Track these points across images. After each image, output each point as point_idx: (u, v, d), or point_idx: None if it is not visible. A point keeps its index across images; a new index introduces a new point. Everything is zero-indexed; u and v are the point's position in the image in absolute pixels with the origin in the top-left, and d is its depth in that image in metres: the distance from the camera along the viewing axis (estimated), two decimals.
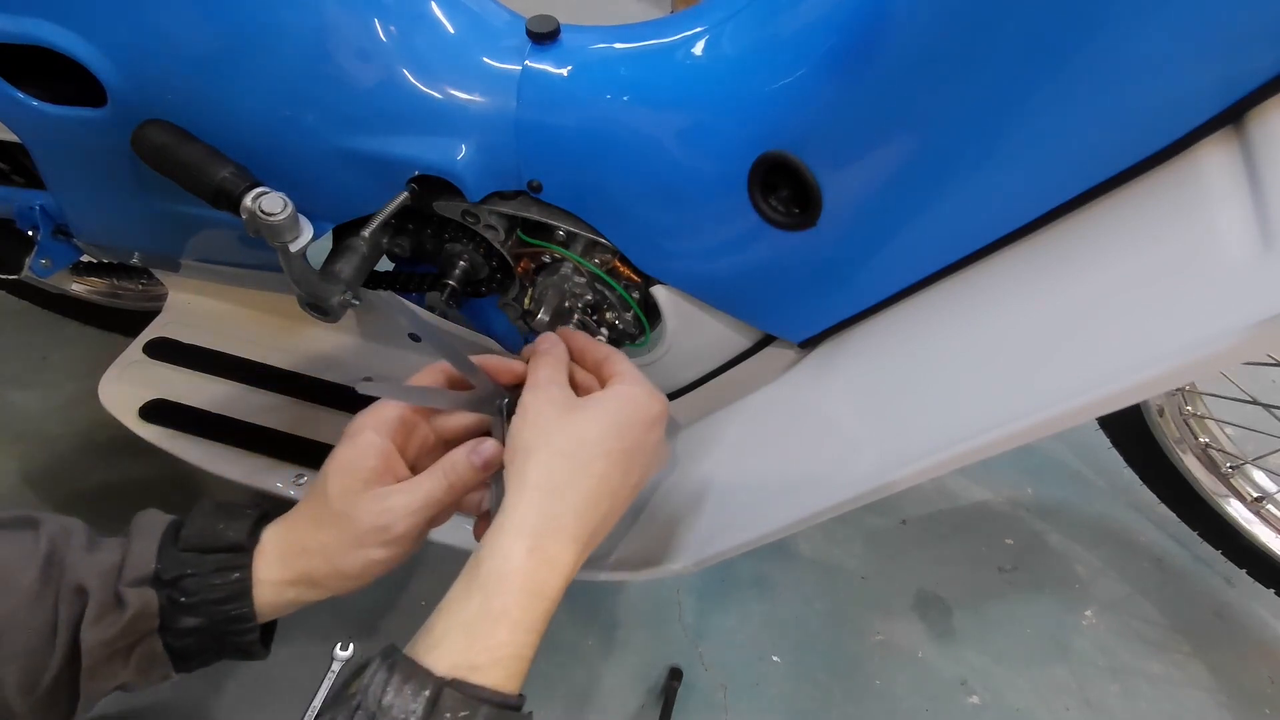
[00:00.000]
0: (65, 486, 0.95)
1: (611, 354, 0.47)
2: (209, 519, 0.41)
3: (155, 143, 0.49)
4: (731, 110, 0.44)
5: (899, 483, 0.41)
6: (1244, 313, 0.28)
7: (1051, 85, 0.34)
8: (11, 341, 1.09)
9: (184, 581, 0.38)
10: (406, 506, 0.41)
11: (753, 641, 0.86)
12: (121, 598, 0.37)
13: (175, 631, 0.38)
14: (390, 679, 0.32)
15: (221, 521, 0.41)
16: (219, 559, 0.39)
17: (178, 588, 0.38)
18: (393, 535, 0.40)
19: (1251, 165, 0.31)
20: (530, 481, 0.39)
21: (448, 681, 0.32)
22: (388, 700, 0.31)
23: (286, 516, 0.43)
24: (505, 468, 0.41)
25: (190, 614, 0.38)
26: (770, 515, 0.49)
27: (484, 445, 0.43)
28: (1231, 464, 0.80)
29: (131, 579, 0.37)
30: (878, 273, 0.47)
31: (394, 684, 0.32)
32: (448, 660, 0.33)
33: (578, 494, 0.39)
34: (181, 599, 0.38)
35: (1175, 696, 0.84)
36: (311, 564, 0.41)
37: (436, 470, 0.43)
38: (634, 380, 0.44)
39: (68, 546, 0.38)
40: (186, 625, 0.38)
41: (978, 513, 1.01)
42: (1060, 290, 0.38)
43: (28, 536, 0.37)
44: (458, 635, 0.34)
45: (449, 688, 0.32)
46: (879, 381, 0.48)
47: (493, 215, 0.55)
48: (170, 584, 0.38)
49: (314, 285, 0.52)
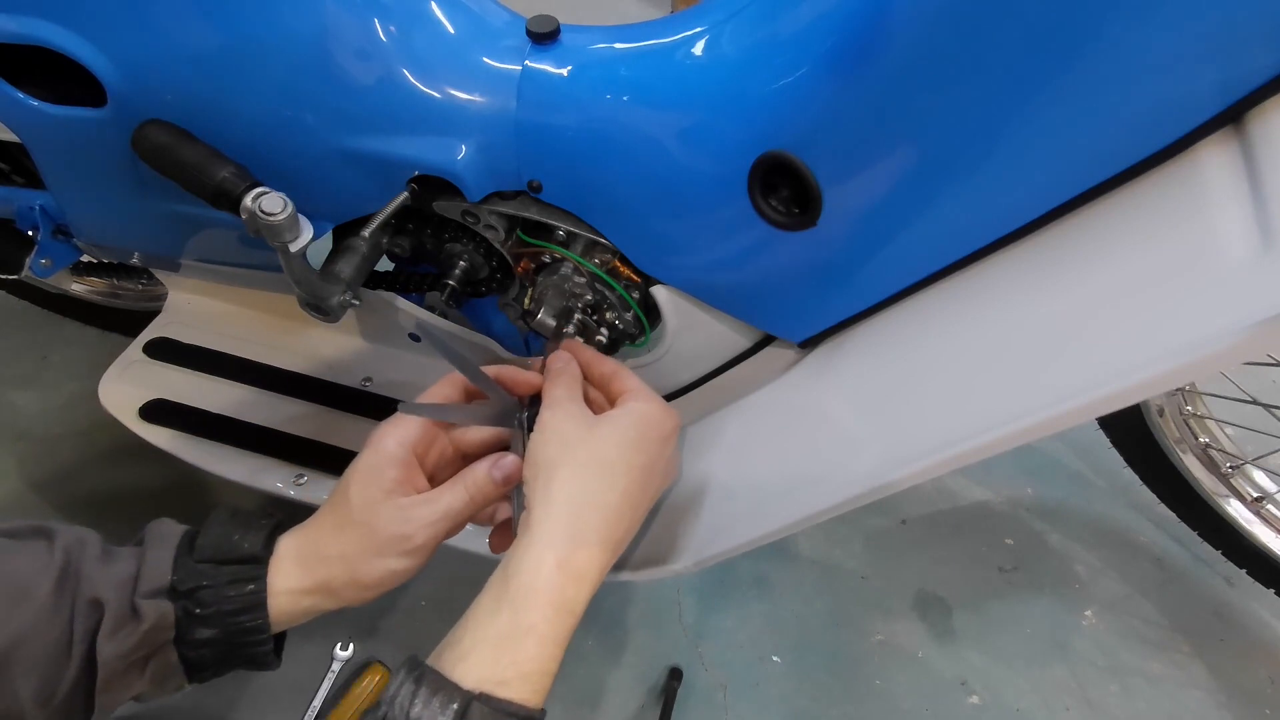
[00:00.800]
0: (65, 486, 0.94)
1: (619, 370, 0.49)
2: (224, 528, 0.41)
3: (155, 143, 0.49)
4: (731, 110, 0.44)
5: (899, 483, 0.41)
6: (1244, 313, 0.28)
7: (1051, 85, 0.34)
8: (11, 341, 1.09)
9: (200, 593, 0.38)
10: (427, 518, 0.41)
11: (753, 641, 0.86)
12: (138, 610, 0.37)
13: (190, 643, 0.38)
14: (418, 691, 0.32)
15: (237, 532, 0.41)
16: (235, 570, 0.39)
17: (194, 599, 0.38)
18: (412, 546, 0.41)
19: (1251, 165, 0.31)
20: (556, 497, 0.39)
21: (476, 695, 0.32)
22: (416, 712, 0.31)
23: (305, 525, 0.43)
24: (525, 483, 0.42)
25: (206, 625, 0.38)
26: (770, 515, 0.49)
27: (505, 460, 0.44)
28: (1231, 464, 0.80)
29: (147, 590, 0.37)
30: (878, 273, 0.47)
31: (422, 696, 0.32)
32: (475, 674, 0.34)
33: (603, 509, 0.40)
34: (197, 610, 0.38)
35: (1175, 696, 0.84)
36: (331, 572, 0.41)
37: (458, 484, 0.43)
38: (647, 397, 0.46)
39: (83, 557, 0.37)
40: (202, 637, 0.38)
41: (978, 513, 1.01)
42: (1060, 290, 0.38)
43: (41, 548, 0.37)
44: (486, 649, 0.35)
45: (477, 701, 0.32)
46: (879, 381, 0.48)
47: (493, 215, 0.55)
48: (186, 595, 0.38)
49: (314, 285, 0.52)
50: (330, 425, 0.71)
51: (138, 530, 0.41)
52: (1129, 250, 0.35)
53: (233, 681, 0.78)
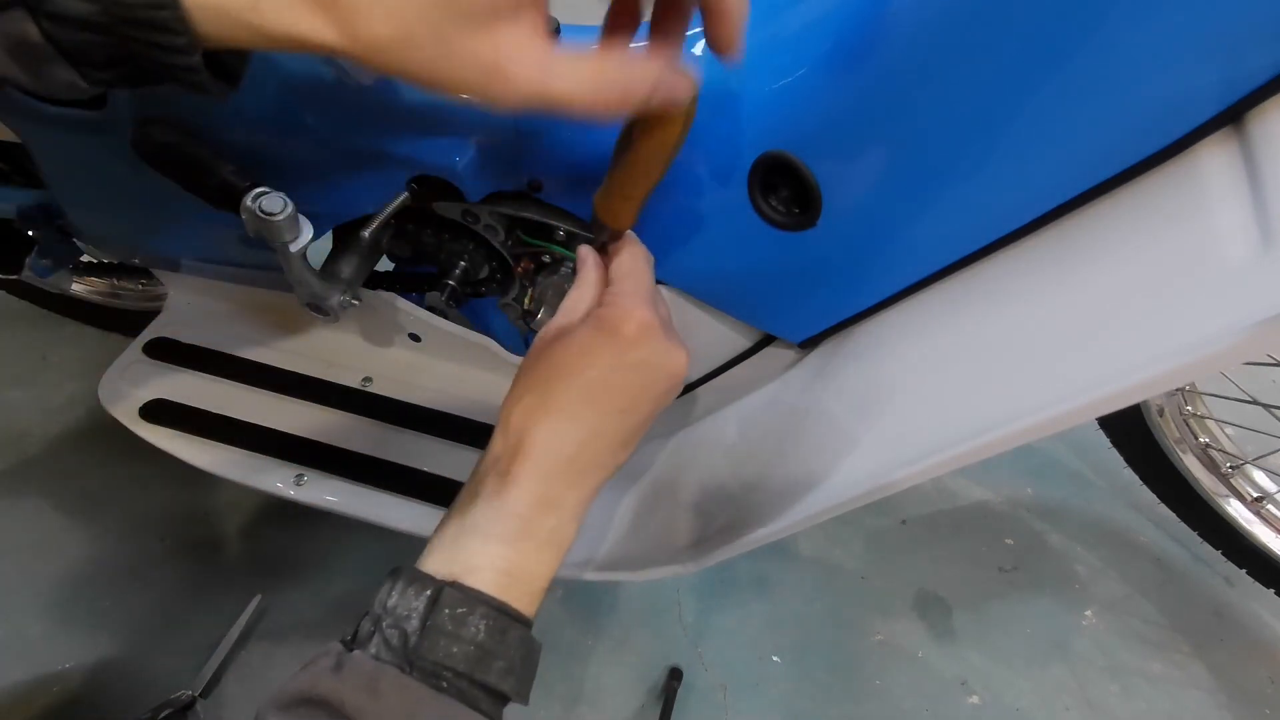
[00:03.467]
0: (65, 486, 0.95)
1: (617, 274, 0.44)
2: None
3: (155, 142, 0.49)
4: (731, 110, 0.44)
5: (899, 483, 0.41)
6: (1244, 313, 0.28)
7: (1051, 85, 0.34)
8: (11, 341, 1.09)
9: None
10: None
11: (753, 641, 0.86)
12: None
13: (55, 18, 0.25)
14: (395, 585, 0.33)
15: None
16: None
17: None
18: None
19: (1251, 165, 0.31)
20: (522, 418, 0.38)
21: (448, 583, 0.33)
22: (392, 603, 0.33)
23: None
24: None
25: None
26: (770, 515, 0.49)
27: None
28: (1231, 464, 0.80)
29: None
30: (878, 273, 0.47)
31: (398, 589, 0.33)
32: (446, 566, 0.34)
33: (568, 404, 0.38)
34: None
35: (1175, 696, 0.84)
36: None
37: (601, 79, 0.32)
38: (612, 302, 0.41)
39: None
40: (72, 11, 0.25)
41: (978, 513, 1.01)
42: (1060, 290, 0.38)
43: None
44: (450, 542, 0.35)
45: (449, 588, 0.33)
46: (879, 381, 0.48)
47: (493, 215, 0.55)
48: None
49: (314, 285, 0.52)
50: (330, 425, 0.71)
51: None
52: (1129, 250, 0.35)
53: (234, 681, 0.78)
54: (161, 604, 0.87)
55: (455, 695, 0.31)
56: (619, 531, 0.64)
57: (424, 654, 0.31)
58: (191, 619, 0.86)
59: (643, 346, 0.38)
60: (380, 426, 0.71)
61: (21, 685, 0.80)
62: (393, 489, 0.67)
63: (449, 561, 0.34)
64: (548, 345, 0.39)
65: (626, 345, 0.38)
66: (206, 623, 0.85)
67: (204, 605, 0.87)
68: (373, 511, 0.66)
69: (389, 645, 0.32)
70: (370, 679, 0.31)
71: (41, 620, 0.85)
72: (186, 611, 0.86)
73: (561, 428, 0.37)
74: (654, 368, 0.38)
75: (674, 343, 0.39)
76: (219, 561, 0.91)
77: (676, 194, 0.49)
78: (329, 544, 0.93)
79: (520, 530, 0.35)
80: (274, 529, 0.94)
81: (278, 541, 0.93)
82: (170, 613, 0.86)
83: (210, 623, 0.84)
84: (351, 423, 0.71)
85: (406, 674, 0.31)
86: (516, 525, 0.35)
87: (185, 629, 0.85)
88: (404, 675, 0.31)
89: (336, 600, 0.89)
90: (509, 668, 0.33)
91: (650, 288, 0.42)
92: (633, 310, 0.39)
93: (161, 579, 0.88)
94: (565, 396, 0.37)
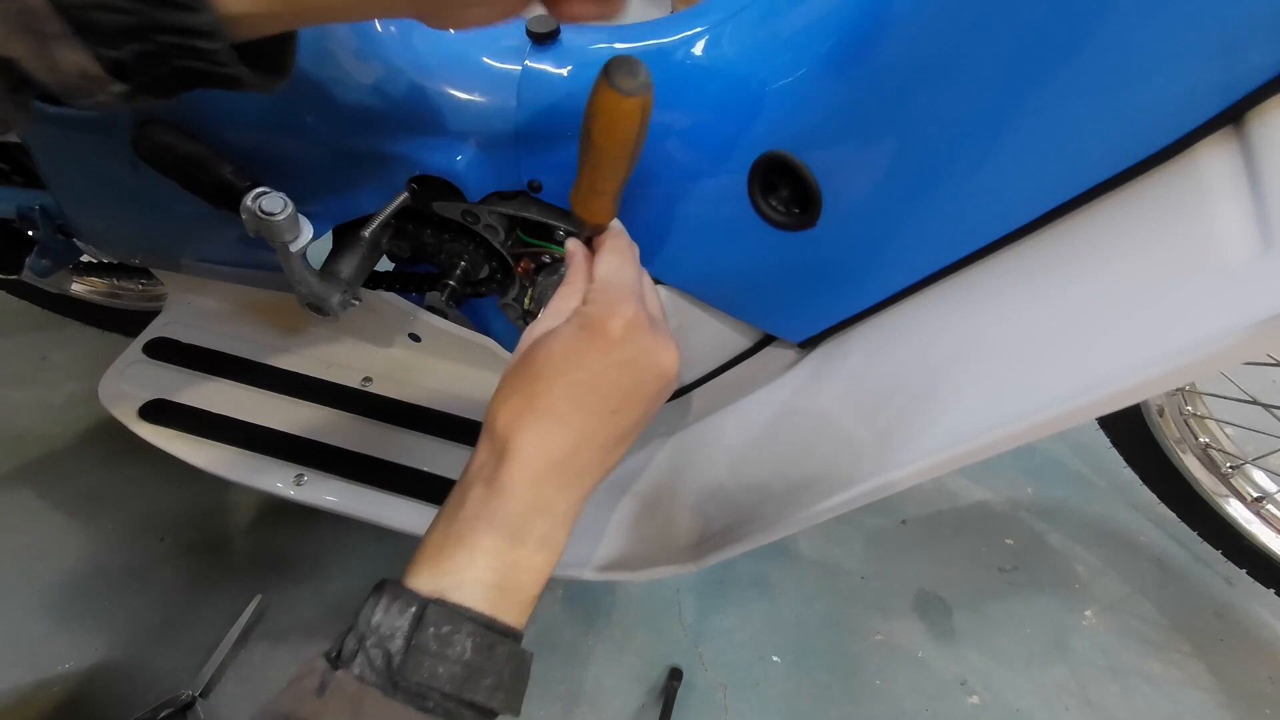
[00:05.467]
0: (65, 486, 0.95)
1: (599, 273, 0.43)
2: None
3: (155, 142, 0.49)
4: (731, 110, 0.44)
5: (899, 483, 0.41)
6: (1244, 313, 0.29)
7: (1051, 85, 0.34)
8: (11, 341, 1.09)
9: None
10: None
11: (753, 641, 0.86)
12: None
13: (97, 31, 0.25)
14: (379, 601, 0.32)
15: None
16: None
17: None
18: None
19: (1251, 165, 0.31)
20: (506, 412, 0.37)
21: (432, 600, 0.32)
22: (376, 620, 0.32)
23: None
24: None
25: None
26: (770, 515, 0.49)
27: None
28: (1231, 464, 0.80)
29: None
30: (878, 273, 0.47)
31: (382, 605, 0.32)
32: (431, 582, 0.33)
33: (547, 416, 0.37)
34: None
35: (1175, 696, 0.84)
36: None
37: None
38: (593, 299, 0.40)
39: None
40: (109, 21, 0.25)
41: (978, 513, 1.01)
42: (1060, 290, 0.38)
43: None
44: (434, 558, 0.34)
45: (433, 605, 0.32)
46: (879, 381, 0.48)
47: (493, 215, 0.55)
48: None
49: (314, 285, 0.52)
50: (330, 425, 0.71)
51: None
52: (1129, 250, 0.35)
53: (234, 680, 0.78)
54: (161, 604, 0.87)
55: (442, 715, 0.31)
56: (619, 531, 0.64)
57: (408, 675, 0.30)
58: (191, 619, 0.86)
59: (630, 344, 0.37)
60: (380, 426, 0.71)
61: (21, 685, 0.80)
62: (392, 489, 0.67)
63: (435, 575, 0.33)
64: (533, 346, 0.38)
65: (613, 344, 0.37)
66: (206, 623, 0.85)
67: (204, 605, 0.87)
68: (372, 511, 0.66)
69: (373, 665, 0.31)
70: (353, 702, 0.30)
71: (41, 620, 0.85)
72: (186, 611, 0.86)
73: (549, 431, 0.36)
74: (643, 366, 0.37)
75: (663, 339, 0.38)
76: (219, 562, 0.91)
77: (676, 194, 0.49)
78: (329, 544, 0.93)
79: (508, 539, 0.34)
80: (274, 529, 0.94)
81: (278, 541, 0.93)
82: (170, 613, 0.86)
83: (210, 623, 0.84)
84: (351, 423, 0.71)
85: (391, 696, 0.30)
86: (504, 534, 0.34)
87: (185, 629, 0.85)
88: (387, 698, 0.30)
89: (336, 600, 0.89)
90: (497, 684, 0.32)
91: (637, 282, 0.40)
92: (618, 307, 0.37)
93: (161, 579, 0.88)
94: (551, 399, 0.36)
